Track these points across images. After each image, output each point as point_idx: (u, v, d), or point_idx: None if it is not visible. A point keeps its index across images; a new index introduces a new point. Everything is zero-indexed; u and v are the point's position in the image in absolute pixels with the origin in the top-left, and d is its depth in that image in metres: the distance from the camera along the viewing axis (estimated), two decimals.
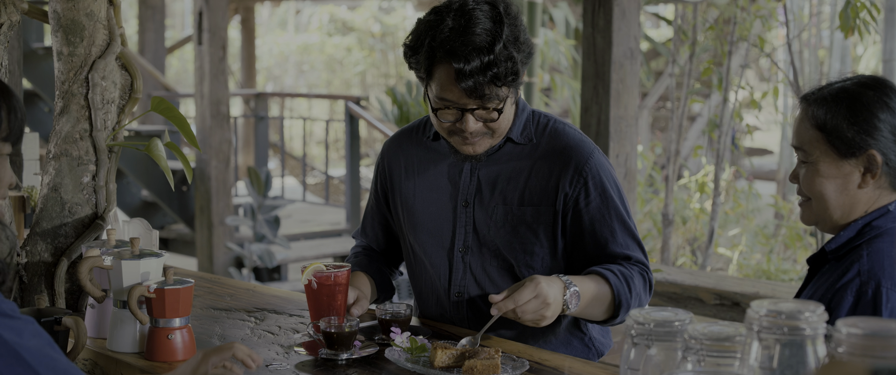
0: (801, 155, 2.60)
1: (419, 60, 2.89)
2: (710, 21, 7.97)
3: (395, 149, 3.26)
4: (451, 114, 2.92)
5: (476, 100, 2.85)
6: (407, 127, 3.30)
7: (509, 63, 2.81)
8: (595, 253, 3.03)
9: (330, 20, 23.96)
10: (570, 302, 2.81)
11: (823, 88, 2.59)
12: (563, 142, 3.06)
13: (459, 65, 2.78)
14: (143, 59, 12.16)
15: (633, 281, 2.96)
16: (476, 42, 2.79)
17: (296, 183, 15.18)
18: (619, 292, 2.93)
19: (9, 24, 3.11)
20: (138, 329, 2.81)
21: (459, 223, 3.10)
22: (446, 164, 3.14)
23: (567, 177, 3.01)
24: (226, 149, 9.51)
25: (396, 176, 3.23)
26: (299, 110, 19.95)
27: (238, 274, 9.44)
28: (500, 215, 3.04)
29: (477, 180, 3.08)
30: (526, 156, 3.05)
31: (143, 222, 3.15)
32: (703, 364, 1.86)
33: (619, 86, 5.67)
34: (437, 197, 3.14)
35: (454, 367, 2.61)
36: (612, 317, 2.99)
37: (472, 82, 2.79)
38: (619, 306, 2.94)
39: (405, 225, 3.22)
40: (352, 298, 3.01)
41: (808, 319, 1.75)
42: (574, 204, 3.01)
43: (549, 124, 3.10)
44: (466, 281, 3.11)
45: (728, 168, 9.35)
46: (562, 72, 12.14)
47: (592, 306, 2.92)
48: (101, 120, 3.10)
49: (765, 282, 5.70)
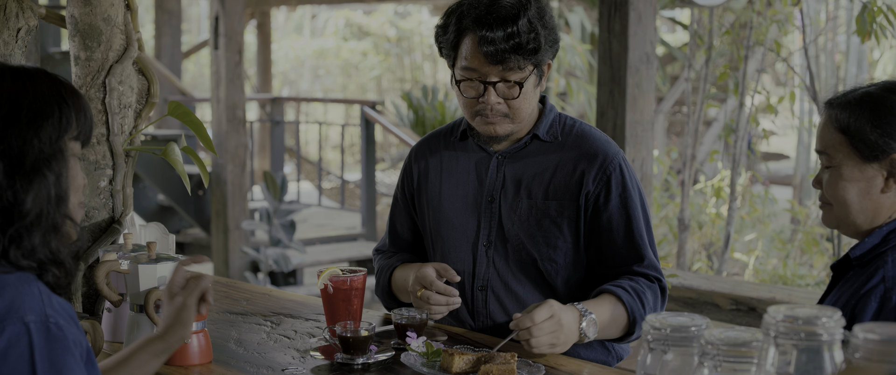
0: (825, 159, 2.59)
1: (448, 38, 3.04)
2: (727, 25, 7.95)
3: (424, 150, 3.34)
4: (473, 88, 3.03)
5: (497, 66, 2.97)
6: (437, 130, 3.39)
7: (532, 35, 2.95)
8: (608, 253, 3.09)
9: (346, 25, 24.00)
10: (588, 331, 2.87)
11: (848, 93, 2.59)
12: (589, 141, 3.14)
13: (483, 32, 2.94)
14: (160, 63, 12.19)
15: (646, 295, 3.01)
16: (501, 13, 2.94)
17: (311, 187, 15.19)
18: (633, 310, 2.98)
19: (26, 28, 3.12)
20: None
21: (484, 218, 3.16)
22: (473, 162, 3.21)
23: (591, 175, 3.08)
24: (242, 154, 9.53)
25: (424, 175, 3.30)
26: (315, 115, 19.96)
27: (254, 279, 9.45)
28: (524, 209, 3.11)
29: (503, 176, 3.15)
30: (552, 154, 3.14)
31: (159, 226, 3.16)
32: (720, 370, 1.85)
33: (635, 90, 5.66)
34: (463, 193, 3.20)
35: (470, 372, 2.61)
36: (627, 335, 3.04)
37: (493, 48, 2.93)
38: (634, 323, 3.00)
39: (430, 222, 3.27)
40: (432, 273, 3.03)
41: (825, 324, 1.74)
42: (595, 201, 3.08)
43: (575, 125, 3.19)
44: (490, 274, 3.16)
45: (744, 173, 9.33)
46: (578, 76, 12.13)
47: (609, 329, 2.98)
48: (118, 124, 3.11)
49: (781, 287, 5.68)
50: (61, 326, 1.97)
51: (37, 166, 2.02)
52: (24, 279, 1.99)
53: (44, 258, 2.04)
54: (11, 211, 2.00)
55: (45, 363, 1.93)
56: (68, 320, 1.99)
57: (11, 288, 1.96)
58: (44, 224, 2.03)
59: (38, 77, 2.09)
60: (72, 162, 2.12)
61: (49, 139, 2.05)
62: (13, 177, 2.00)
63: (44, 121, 2.05)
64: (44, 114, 2.05)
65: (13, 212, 2.00)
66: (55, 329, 1.96)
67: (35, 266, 2.02)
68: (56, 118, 2.07)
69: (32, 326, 1.94)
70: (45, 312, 1.96)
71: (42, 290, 1.99)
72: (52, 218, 2.05)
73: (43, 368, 1.93)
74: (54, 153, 2.06)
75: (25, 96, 2.04)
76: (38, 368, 1.92)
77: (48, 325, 1.95)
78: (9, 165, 2.00)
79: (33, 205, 2.01)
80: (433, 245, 3.28)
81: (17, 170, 2.01)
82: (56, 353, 1.95)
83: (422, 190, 3.30)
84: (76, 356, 1.98)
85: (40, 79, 2.09)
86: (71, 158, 2.12)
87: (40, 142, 2.04)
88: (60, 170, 2.07)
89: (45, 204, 2.03)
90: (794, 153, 14.10)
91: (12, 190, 2.00)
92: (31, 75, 2.09)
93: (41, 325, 1.94)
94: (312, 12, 24.52)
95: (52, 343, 1.95)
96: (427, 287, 3.00)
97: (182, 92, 12.06)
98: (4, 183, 2.00)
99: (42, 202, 2.03)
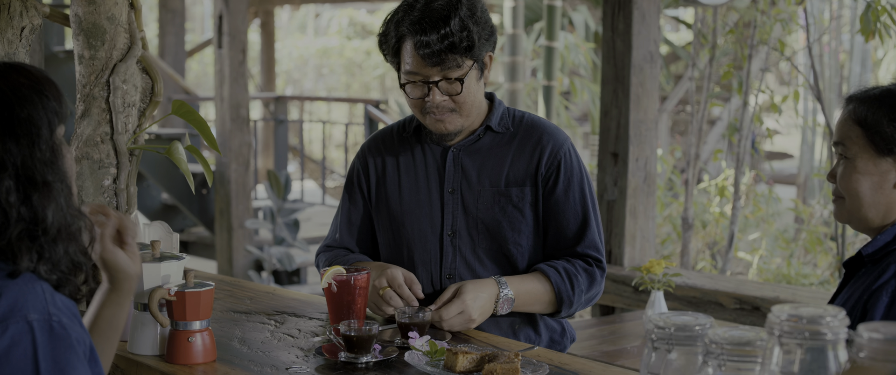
0: (840, 149, 2.63)
1: (389, 44, 3.17)
2: (730, 24, 7.94)
3: (378, 148, 3.42)
4: (418, 89, 3.16)
5: (436, 68, 3.10)
6: (386, 128, 3.48)
7: (465, 33, 3.07)
8: (555, 233, 3.27)
9: (349, 24, 24.00)
10: (502, 307, 3.13)
11: (870, 89, 2.66)
12: (539, 129, 3.30)
13: (418, 37, 3.07)
14: (163, 62, 12.19)
15: (577, 277, 3.21)
16: (434, 15, 3.07)
17: (315, 186, 15.18)
18: (559, 289, 3.19)
19: (30, 27, 3.12)
20: (159, 332, 2.81)
21: (448, 209, 3.28)
22: (430, 156, 3.32)
23: (544, 159, 3.24)
24: (245, 153, 9.53)
25: (381, 172, 3.38)
26: (319, 113, 19.95)
27: (257, 278, 9.45)
28: (488, 196, 3.25)
29: (461, 167, 3.27)
30: (505, 143, 3.29)
31: (163, 225, 3.16)
32: (724, 369, 1.85)
33: (638, 89, 5.66)
34: (422, 186, 3.31)
35: (474, 371, 2.61)
36: (556, 312, 3.26)
37: (429, 50, 3.06)
38: (561, 303, 3.21)
39: (392, 218, 3.34)
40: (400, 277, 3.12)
41: (830, 324, 1.74)
42: (544, 183, 3.25)
43: (524, 116, 3.35)
44: (456, 262, 3.27)
45: (748, 172, 9.32)
46: (581, 75, 12.13)
47: (530, 304, 3.21)
48: (122, 123, 3.12)
49: (785, 287, 5.68)
50: (64, 324, 1.97)
51: (44, 176, 2.02)
52: (27, 278, 1.99)
53: (66, 269, 2.04)
54: (35, 227, 2.00)
55: (48, 361, 1.93)
56: (72, 318, 1.99)
57: (15, 287, 1.96)
58: (64, 234, 2.04)
59: (7, 74, 2.07)
60: (64, 150, 2.12)
61: (46, 144, 2.05)
62: (28, 194, 2.00)
63: (38, 129, 2.04)
64: (34, 120, 2.04)
65: (36, 229, 2.00)
66: (58, 327, 1.96)
67: (55, 278, 2.03)
68: (45, 118, 2.06)
69: (36, 324, 1.94)
70: (49, 310, 1.96)
71: (45, 289, 1.99)
72: (69, 224, 2.05)
73: (46, 366, 1.93)
74: (54, 153, 2.06)
75: (12, 104, 2.03)
76: (42, 366, 1.93)
77: (51, 323, 1.95)
78: (18, 182, 2.00)
79: (55, 218, 2.02)
80: (395, 239, 3.35)
81: (29, 185, 2.01)
82: (59, 351, 1.95)
83: (381, 186, 3.37)
84: (79, 354, 1.98)
85: (10, 75, 2.07)
86: (62, 147, 2.11)
87: (41, 152, 2.03)
88: (63, 169, 2.07)
89: (64, 212, 2.04)
90: (797, 152, 14.08)
91: (29, 207, 2.00)
92: (2, 74, 2.06)
93: (44, 324, 1.94)
94: (316, 11, 24.53)
95: (56, 341, 1.95)
96: (393, 287, 3.09)
97: (186, 90, 12.06)
98: (17, 199, 2.00)
99: (61, 211, 2.03)
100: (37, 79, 2.08)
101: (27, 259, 1.98)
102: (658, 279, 4.50)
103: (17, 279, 1.97)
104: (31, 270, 1.99)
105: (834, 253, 8.11)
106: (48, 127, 2.06)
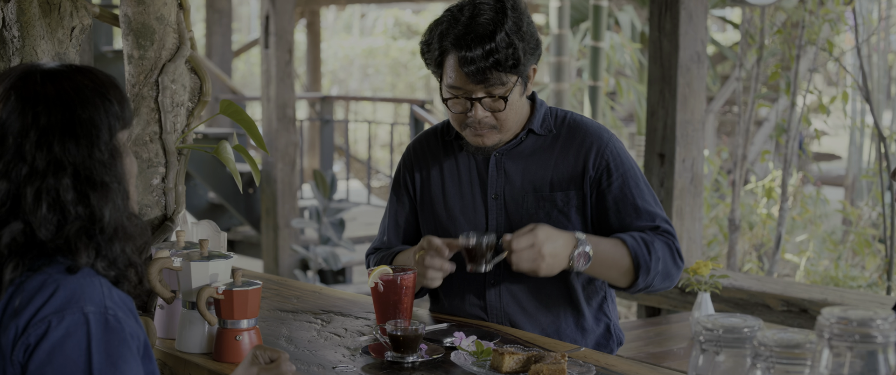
0: None
1: (432, 55, 3.11)
2: (778, 25, 7.88)
3: (423, 151, 3.38)
4: (460, 104, 3.10)
5: (480, 85, 3.03)
6: (430, 129, 3.43)
7: (510, 50, 2.99)
8: (620, 229, 3.15)
9: (395, 24, 24.04)
10: (578, 261, 3.00)
11: None
12: (582, 130, 3.21)
13: (462, 53, 3.00)
14: (210, 62, 12.27)
15: (654, 245, 3.08)
16: (479, 31, 2.99)
17: (360, 186, 15.22)
18: (636, 254, 3.06)
19: (80, 27, 3.15)
20: (207, 331, 2.83)
21: (491, 215, 3.22)
22: (472, 161, 3.26)
23: (590, 161, 3.16)
24: (292, 152, 9.57)
25: (426, 176, 3.34)
26: (364, 113, 19.99)
27: (303, 277, 9.48)
28: (531, 202, 3.18)
29: (504, 172, 3.21)
30: (548, 146, 3.21)
31: (211, 224, 3.17)
32: (773, 372, 1.84)
33: (685, 90, 5.63)
34: (466, 191, 3.26)
35: (520, 372, 2.61)
36: (633, 283, 3.11)
37: (474, 67, 2.99)
38: (638, 268, 3.07)
39: (438, 223, 3.30)
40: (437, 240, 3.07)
41: (880, 327, 1.73)
42: (597, 185, 3.16)
43: (567, 116, 3.27)
44: (501, 270, 3.17)
45: (795, 173, 9.25)
46: (627, 75, 12.09)
47: (608, 267, 3.08)
48: (170, 122, 3.13)
49: (833, 289, 5.62)
50: (120, 318, 1.99)
51: (102, 176, 2.05)
52: (85, 273, 2.01)
53: (123, 266, 2.07)
54: (92, 226, 2.03)
55: (101, 353, 1.95)
56: (127, 313, 2.02)
57: (74, 280, 1.99)
58: (121, 233, 2.07)
59: (72, 76, 2.10)
60: (124, 154, 2.14)
61: (106, 146, 2.08)
62: (85, 193, 2.03)
63: (98, 130, 2.07)
64: (95, 122, 2.07)
65: (93, 227, 2.03)
66: (114, 321, 1.98)
67: (113, 274, 2.06)
68: (106, 121, 2.09)
69: (91, 317, 1.96)
70: (105, 304, 1.99)
71: (103, 283, 2.02)
72: (125, 224, 2.08)
73: (99, 359, 1.95)
74: (112, 155, 2.09)
75: (74, 105, 2.06)
76: (94, 358, 1.95)
77: (107, 317, 1.98)
78: (76, 181, 2.03)
79: (112, 218, 2.05)
80: None
81: (87, 185, 2.03)
82: (113, 345, 1.97)
83: (425, 190, 3.33)
84: (133, 348, 2.00)
85: (75, 77, 2.10)
86: (122, 150, 2.14)
87: (100, 153, 2.06)
88: (121, 171, 2.10)
89: (121, 212, 2.07)
90: (845, 153, 13.97)
91: (86, 205, 2.03)
92: (67, 76, 2.10)
93: (100, 316, 1.97)
94: (361, 11, 24.58)
95: (110, 334, 1.97)
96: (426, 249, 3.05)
97: (232, 90, 12.12)
98: (75, 197, 2.03)
99: (118, 212, 2.06)
100: (101, 83, 2.11)
101: (85, 255, 2.01)
102: (705, 280, 4.48)
103: (77, 274, 2.00)
104: (89, 266, 2.02)
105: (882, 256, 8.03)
106: (108, 129, 2.08)
